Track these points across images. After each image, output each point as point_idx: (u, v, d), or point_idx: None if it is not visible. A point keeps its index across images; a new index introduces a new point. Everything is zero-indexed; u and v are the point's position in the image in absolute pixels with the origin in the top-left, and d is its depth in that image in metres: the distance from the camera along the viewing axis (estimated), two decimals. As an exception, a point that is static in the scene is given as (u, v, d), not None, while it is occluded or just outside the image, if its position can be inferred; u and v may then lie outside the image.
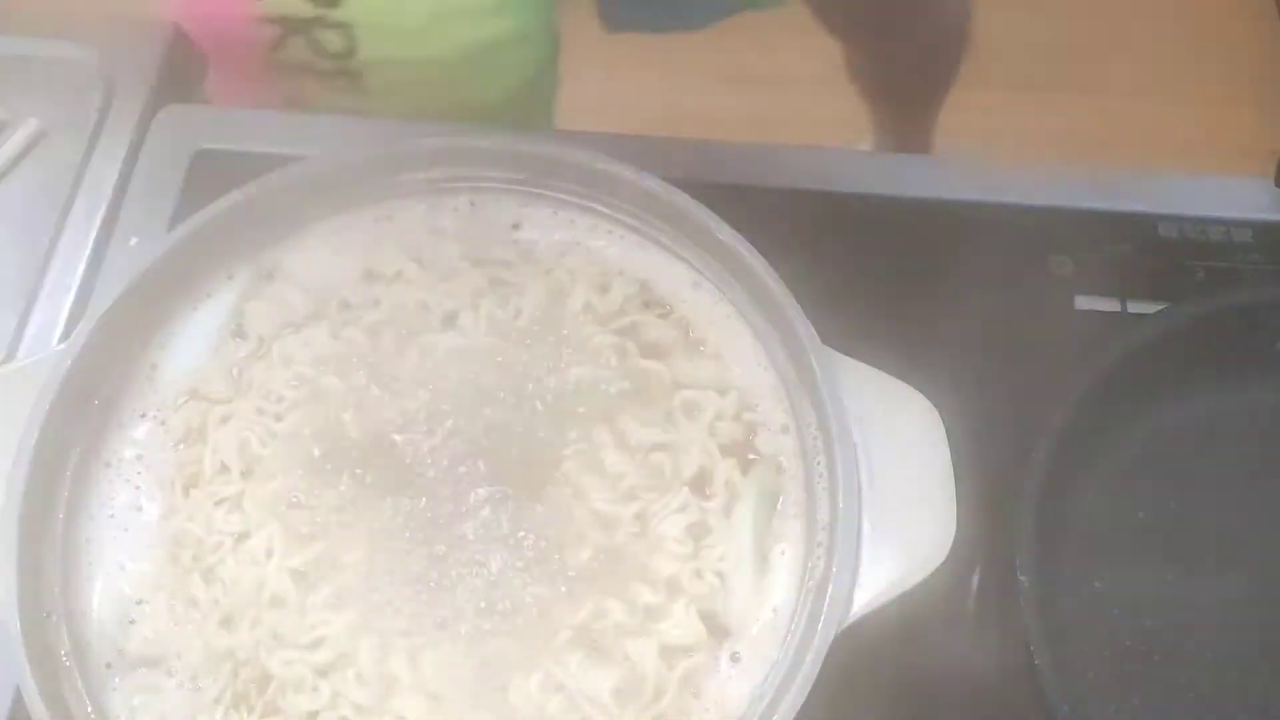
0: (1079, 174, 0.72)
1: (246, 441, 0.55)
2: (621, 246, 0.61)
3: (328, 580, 0.52)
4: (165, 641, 0.52)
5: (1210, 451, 0.63)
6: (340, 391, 0.56)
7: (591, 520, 0.53)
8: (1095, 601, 0.59)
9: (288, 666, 0.51)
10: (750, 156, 0.72)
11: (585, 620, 0.52)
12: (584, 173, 0.60)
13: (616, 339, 0.57)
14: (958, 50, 1.18)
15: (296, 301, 0.59)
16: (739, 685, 0.51)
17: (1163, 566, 0.60)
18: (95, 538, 0.54)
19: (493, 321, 0.57)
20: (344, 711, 0.50)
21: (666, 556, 0.53)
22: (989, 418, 0.60)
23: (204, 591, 0.53)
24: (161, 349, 0.58)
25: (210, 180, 0.67)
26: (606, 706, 0.50)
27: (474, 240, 0.60)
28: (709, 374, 0.57)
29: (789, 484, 0.55)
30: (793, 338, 0.55)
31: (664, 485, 0.54)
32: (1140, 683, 0.58)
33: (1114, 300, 0.67)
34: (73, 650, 0.51)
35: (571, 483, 0.54)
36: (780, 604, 0.52)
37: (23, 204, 0.70)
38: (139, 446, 0.56)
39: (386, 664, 0.51)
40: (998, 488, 0.57)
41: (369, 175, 0.60)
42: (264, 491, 0.54)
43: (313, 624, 0.52)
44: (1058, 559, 0.59)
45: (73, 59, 0.74)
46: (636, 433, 0.55)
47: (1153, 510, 0.61)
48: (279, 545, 0.53)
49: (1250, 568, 0.60)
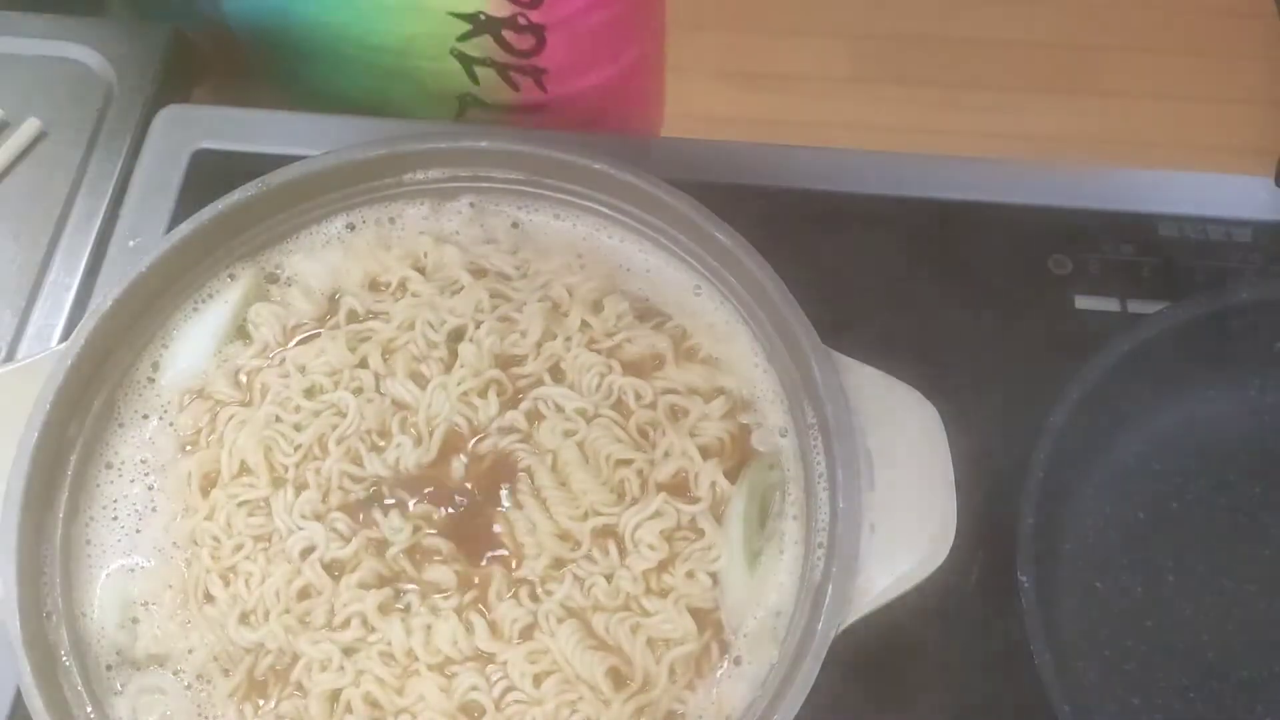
0: (1079, 174, 0.72)
1: (270, 450, 0.55)
2: (622, 247, 0.61)
3: (362, 567, 0.53)
4: (172, 640, 0.52)
5: (1210, 451, 0.63)
6: (354, 406, 0.56)
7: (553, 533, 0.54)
8: (1095, 601, 0.59)
9: (315, 645, 0.52)
10: (751, 156, 0.72)
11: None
12: (584, 173, 0.60)
13: (602, 359, 0.57)
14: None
15: (301, 306, 0.59)
16: (738, 685, 0.51)
17: (1163, 566, 0.60)
18: (96, 538, 0.54)
19: (495, 354, 0.58)
20: (367, 687, 0.51)
21: (642, 560, 0.53)
22: (989, 418, 0.60)
23: (222, 590, 0.53)
24: (163, 349, 0.58)
25: (210, 180, 0.67)
26: (600, 689, 0.51)
27: (475, 245, 0.61)
28: (696, 378, 0.57)
29: (789, 484, 0.55)
30: (793, 338, 0.55)
31: (633, 497, 0.55)
32: (1140, 683, 0.58)
33: (1114, 300, 0.67)
34: (73, 650, 0.51)
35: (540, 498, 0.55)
36: (780, 604, 0.53)
37: (23, 204, 0.70)
38: (143, 447, 0.56)
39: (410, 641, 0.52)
40: (998, 488, 0.57)
41: (370, 176, 0.60)
42: (296, 499, 0.54)
43: (345, 602, 0.52)
44: (1058, 559, 0.59)
45: (73, 59, 0.74)
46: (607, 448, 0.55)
47: (1153, 510, 0.61)
48: (320, 544, 0.53)
49: (1250, 568, 0.60)
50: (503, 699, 0.51)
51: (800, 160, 0.72)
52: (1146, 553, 0.60)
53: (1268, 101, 1.90)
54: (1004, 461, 0.58)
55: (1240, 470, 0.62)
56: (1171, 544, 0.61)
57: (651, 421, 0.56)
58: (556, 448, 0.55)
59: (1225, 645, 0.58)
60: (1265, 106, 1.90)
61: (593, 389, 0.57)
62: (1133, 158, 0.74)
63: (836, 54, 1.95)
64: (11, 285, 0.67)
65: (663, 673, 0.51)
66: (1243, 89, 1.91)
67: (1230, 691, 0.58)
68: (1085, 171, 0.72)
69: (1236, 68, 1.93)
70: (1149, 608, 0.59)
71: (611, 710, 0.51)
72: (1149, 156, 1.73)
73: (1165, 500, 0.62)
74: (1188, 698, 0.57)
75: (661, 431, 0.56)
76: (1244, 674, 0.58)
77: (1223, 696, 0.57)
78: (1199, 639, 0.59)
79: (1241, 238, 0.69)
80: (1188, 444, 0.63)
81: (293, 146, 0.67)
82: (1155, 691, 0.57)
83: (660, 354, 0.58)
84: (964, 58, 1.93)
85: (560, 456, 0.55)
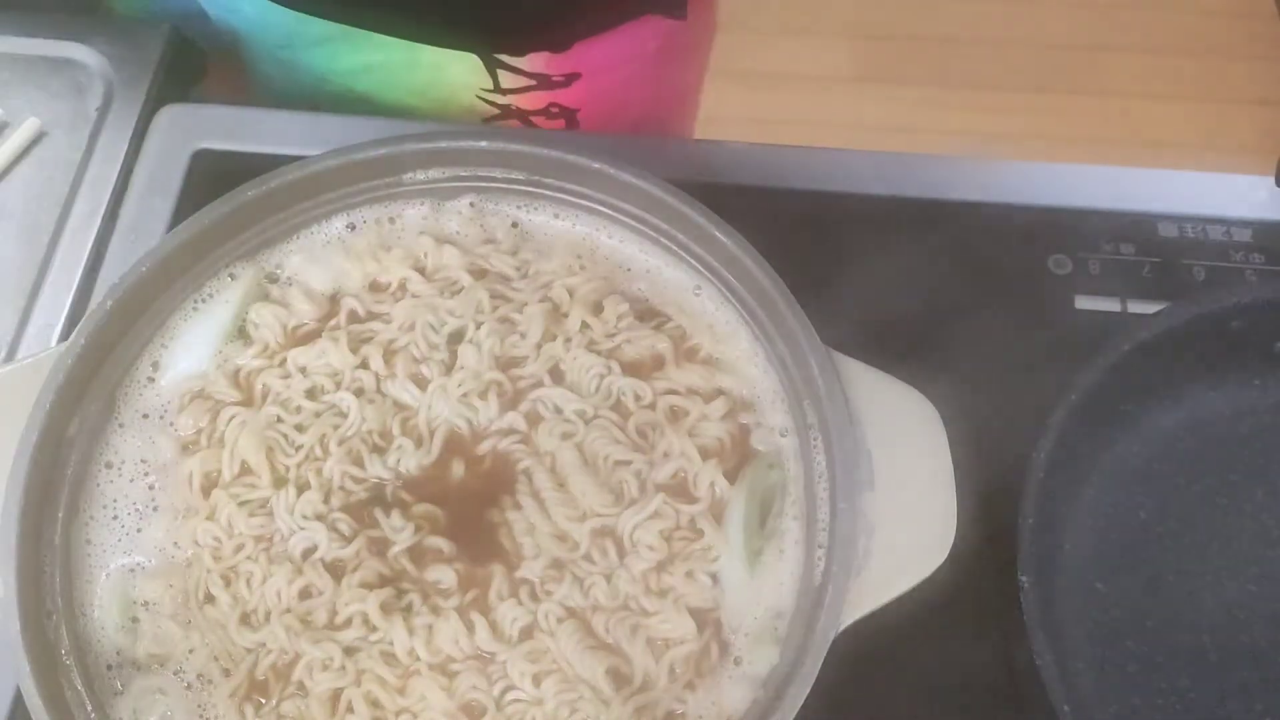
0: (1079, 174, 0.72)
1: (272, 450, 0.55)
2: (622, 247, 0.61)
3: (364, 566, 0.53)
4: (173, 640, 0.52)
5: (1210, 451, 0.63)
6: (356, 407, 0.56)
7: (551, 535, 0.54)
8: (1095, 601, 0.59)
9: (316, 645, 0.52)
10: (751, 156, 0.72)
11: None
12: (584, 173, 0.60)
13: (602, 360, 0.57)
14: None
15: (302, 307, 0.59)
16: (738, 685, 0.51)
17: (1163, 566, 0.60)
18: (96, 538, 0.54)
19: (495, 356, 0.57)
20: (368, 686, 0.51)
21: (641, 561, 0.53)
22: (989, 418, 0.60)
23: (223, 590, 0.53)
24: (163, 349, 0.58)
25: (210, 180, 0.67)
26: (600, 689, 0.51)
27: (475, 245, 0.61)
28: (696, 379, 0.57)
29: (789, 484, 0.55)
30: (793, 338, 0.55)
31: (631, 498, 0.54)
32: (1140, 683, 0.58)
33: (1114, 300, 0.67)
34: (73, 650, 0.51)
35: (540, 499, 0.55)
36: (780, 604, 0.53)
37: (23, 204, 0.70)
38: (143, 447, 0.56)
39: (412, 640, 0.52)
40: (998, 488, 0.57)
41: (370, 175, 0.60)
42: (298, 499, 0.54)
43: (347, 601, 0.52)
44: (1058, 559, 0.59)
45: (73, 59, 0.74)
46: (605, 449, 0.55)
47: (1153, 510, 0.61)
48: (322, 544, 0.53)
49: (1250, 568, 0.60)
50: (503, 698, 0.51)
51: (800, 160, 0.72)
52: (1147, 553, 0.60)
53: (1268, 101, 1.90)
54: (1004, 462, 0.58)
55: (1240, 470, 0.62)
56: (1171, 544, 0.61)
57: (651, 422, 0.56)
58: (554, 449, 0.55)
59: (1225, 645, 0.58)
60: (1265, 106, 1.90)
61: (592, 390, 0.57)
62: (1133, 158, 0.74)
63: (836, 54, 1.95)
64: (11, 285, 0.67)
65: (662, 673, 0.52)
66: (1243, 89, 1.91)
67: (1230, 692, 0.57)
68: (1085, 171, 0.72)
69: (1236, 68, 1.93)
70: (1149, 608, 0.59)
71: (611, 710, 0.51)
72: (1149, 156, 1.73)
73: (1165, 500, 0.62)
74: (1188, 698, 0.57)
75: (661, 432, 0.56)
76: (1244, 674, 0.58)
77: (1223, 697, 0.57)
78: (1199, 639, 0.59)
79: (1241, 238, 0.69)
80: (1188, 444, 0.63)
81: (293, 146, 0.67)
82: (1155, 692, 0.57)
83: (660, 355, 0.58)
84: (964, 58, 1.93)
85: (559, 458, 0.55)
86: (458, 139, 0.61)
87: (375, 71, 0.76)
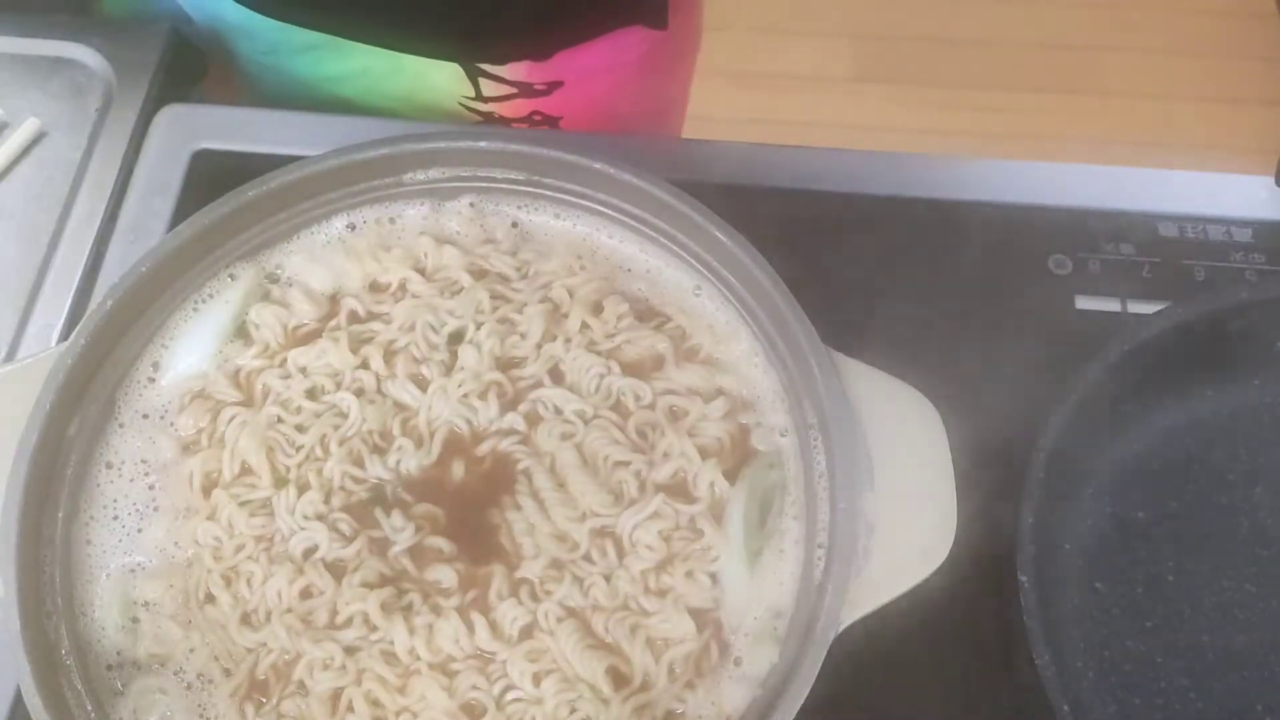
0: (1079, 174, 0.72)
1: (273, 450, 0.55)
2: (622, 247, 0.61)
3: (364, 566, 0.53)
4: (174, 640, 0.52)
5: (1210, 451, 0.63)
6: (356, 407, 0.56)
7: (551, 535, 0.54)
8: (1095, 601, 0.59)
9: (317, 645, 0.52)
10: (751, 156, 0.72)
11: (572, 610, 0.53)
12: (584, 173, 0.60)
13: (602, 361, 0.57)
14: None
15: (302, 306, 0.59)
16: (738, 685, 0.51)
17: (1163, 566, 0.60)
18: (96, 538, 0.54)
19: (495, 357, 0.57)
20: (369, 686, 0.51)
21: (641, 561, 0.53)
22: (989, 418, 0.60)
23: (224, 590, 0.53)
24: (163, 349, 0.58)
25: (210, 180, 0.67)
26: (600, 689, 0.51)
27: (475, 245, 0.61)
28: (696, 379, 0.57)
29: (789, 484, 0.55)
30: (793, 338, 0.55)
31: (631, 498, 0.54)
32: (1140, 683, 0.58)
33: (1114, 300, 0.67)
34: (73, 650, 0.51)
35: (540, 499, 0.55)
36: (780, 604, 0.53)
37: (23, 204, 0.70)
38: (143, 447, 0.56)
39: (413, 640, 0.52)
40: (998, 488, 0.57)
41: (370, 175, 0.60)
42: (298, 499, 0.54)
43: (347, 601, 0.52)
44: (1058, 559, 0.59)
45: (72, 59, 0.74)
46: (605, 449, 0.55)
47: (1153, 510, 0.61)
48: (323, 544, 0.53)
49: (1251, 567, 0.60)
50: (503, 698, 0.51)
51: (800, 160, 0.72)
52: (1146, 553, 0.60)
53: (1268, 101, 1.90)
54: (1004, 462, 0.58)
55: (1240, 470, 0.62)
56: (1171, 544, 0.61)
57: (650, 422, 0.56)
58: (554, 450, 0.55)
59: (1225, 645, 0.58)
60: (1265, 106, 1.90)
61: (592, 390, 0.57)
62: (1133, 158, 0.74)
63: (836, 54, 1.95)
64: (11, 285, 0.67)
65: (662, 672, 0.52)
66: (1243, 89, 1.91)
67: (1230, 692, 0.58)
68: (1085, 171, 0.72)
69: (1236, 68, 1.93)
70: (1149, 608, 0.59)
71: (611, 710, 0.51)
72: (1149, 156, 1.73)
73: (1165, 500, 0.62)
74: (1188, 698, 0.57)
75: (660, 432, 0.56)
76: (1244, 674, 0.58)
77: (1223, 697, 0.57)
78: (1199, 639, 0.59)
79: (1241, 238, 0.69)
80: (1188, 444, 0.63)
81: (293, 146, 0.67)
82: (1155, 692, 0.57)
83: (660, 355, 0.58)
84: (964, 58, 1.93)
85: (558, 458, 0.55)
86: (458, 139, 0.61)
87: (358, 78, 0.76)
